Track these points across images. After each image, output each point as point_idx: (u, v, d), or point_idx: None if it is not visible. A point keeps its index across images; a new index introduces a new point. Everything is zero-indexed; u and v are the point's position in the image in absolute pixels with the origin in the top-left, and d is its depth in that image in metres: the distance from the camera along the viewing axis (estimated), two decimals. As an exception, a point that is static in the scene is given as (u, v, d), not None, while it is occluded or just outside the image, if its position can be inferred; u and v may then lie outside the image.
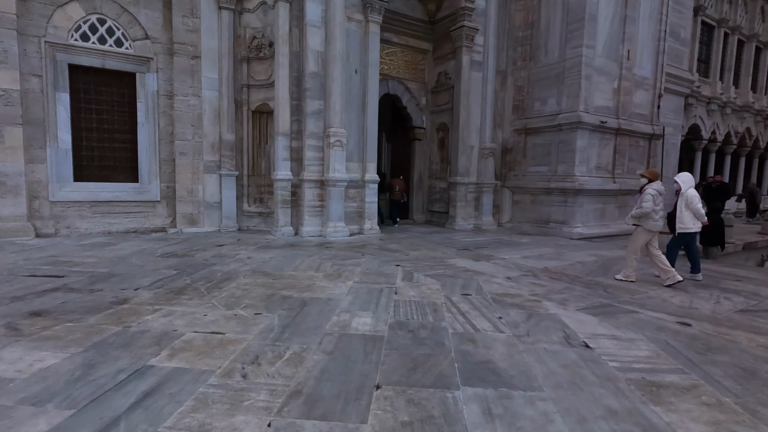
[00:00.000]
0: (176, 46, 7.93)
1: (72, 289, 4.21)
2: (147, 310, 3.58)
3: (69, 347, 2.80)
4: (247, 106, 8.66)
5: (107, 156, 7.89)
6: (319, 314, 3.61)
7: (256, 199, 9.01)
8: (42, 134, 7.17)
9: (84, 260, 5.53)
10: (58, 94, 7.26)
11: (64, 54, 7.25)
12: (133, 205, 8.01)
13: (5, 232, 6.80)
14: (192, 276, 4.82)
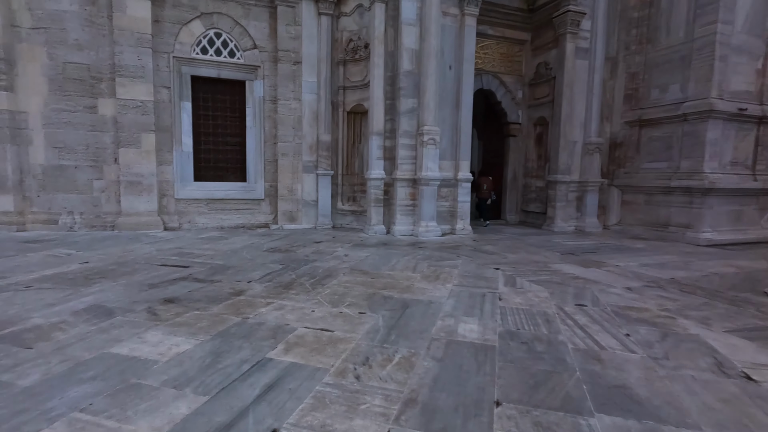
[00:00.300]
0: (280, 53, 8.43)
1: (196, 279, 4.64)
2: (261, 303, 3.79)
3: (198, 334, 3.04)
4: (342, 108, 8.93)
5: (221, 158, 8.68)
6: (422, 317, 3.51)
7: (349, 198, 9.26)
8: (169, 139, 8.10)
9: (203, 252, 6.10)
10: (182, 103, 8.14)
11: (187, 67, 8.11)
12: (241, 202, 8.71)
13: (141, 225, 7.81)
14: (296, 271, 5.05)
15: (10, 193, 7.47)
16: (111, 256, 5.74)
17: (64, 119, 7.57)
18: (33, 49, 7.41)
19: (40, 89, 7.48)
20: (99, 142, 7.74)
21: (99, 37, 7.55)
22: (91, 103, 7.64)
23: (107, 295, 3.95)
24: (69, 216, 7.72)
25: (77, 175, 7.70)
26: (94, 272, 4.81)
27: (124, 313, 3.47)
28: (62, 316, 3.37)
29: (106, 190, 7.85)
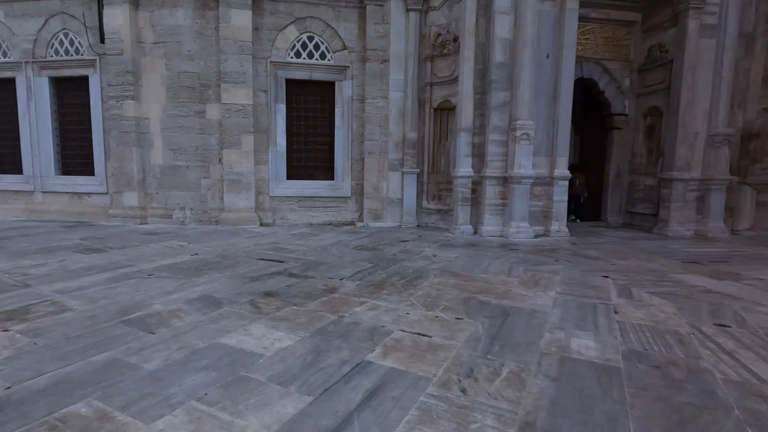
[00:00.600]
0: (368, 52, 8.49)
1: (291, 274, 4.79)
2: (354, 302, 3.76)
3: (298, 330, 3.07)
4: (429, 104, 8.75)
5: (311, 157, 9.01)
6: (526, 328, 3.21)
7: (434, 196, 9.06)
8: (266, 140, 8.59)
9: (296, 248, 6.33)
10: (278, 105, 8.58)
11: (282, 71, 8.52)
12: (329, 200, 8.95)
13: (240, 221, 8.39)
14: (386, 271, 4.98)
15: (135, 190, 8.48)
16: (216, 249, 6.19)
17: (178, 123, 8.39)
18: (154, 62, 8.32)
19: (159, 97, 8.38)
20: (206, 144, 8.46)
21: (207, 47, 8.24)
22: (200, 108, 8.37)
23: (215, 286, 4.22)
24: (181, 211, 8.55)
25: (188, 174, 8.50)
26: (203, 264, 5.20)
27: (230, 305, 3.65)
28: (178, 304, 3.65)
29: (211, 188, 8.55)
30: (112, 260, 5.33)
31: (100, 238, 6.83)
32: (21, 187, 9.31)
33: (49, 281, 4.31)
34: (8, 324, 3.15)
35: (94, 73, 8.63)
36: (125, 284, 4.25)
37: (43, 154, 9.11)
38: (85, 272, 4.70)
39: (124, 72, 8.23)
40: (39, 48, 8.81)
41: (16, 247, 6.08)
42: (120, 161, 8.46)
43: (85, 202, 9.05)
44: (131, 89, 8.24)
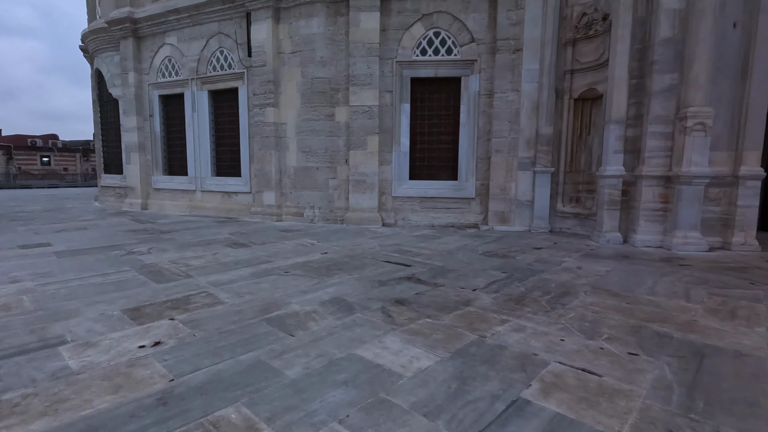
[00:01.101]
0: (499, 43, 7.88)
1: (420, 280, 4.54)
2: (494, 319, 3.34)
3: (436, 349, 2.77)
4: (568, 95, 7.77)
5: (434, 156, 8.74)
6: (737, 378, 2.42)
7: (571, 199, 8.04)
8: (389, 140, 8.57)
9: (420, 251, 6.11)
10: (402, 105, 8.49)
11: (408, 69, 8.40)
12: (451, 201, 8.58)
13: (364, 220, 8.53)
14: (524, 283, 4.43)
15: (273, 190, 9.23)
16: (343, 248, 6.30)
17: (310, 127, 8.87)
18: (291, 70, 8.92)
19: (294, 103, 8.96)
20: (334, 146, 8.79)
21: (338, 52, 8.54)
22: (329, 112, 8.72)
23: (345, 289, 4.18)
24: (311, 210, 9.04)
25: (317, 175, 8.94)
26: (332, 264, 5.28)
27: (362, 310, 3.54)
28: (313, 306, 3.66)
29: (338, 188, 8.87)
30: (254, 255, 5.75)
31: (245, 234, 7.52)
32: (186, 186, 10.89)
33: (205, 273, 4.78)
34: (174, 313, 3.47)
35: (243, 85, 9.62)
36: (266, 280, 4.48)
37: (202, 158, 10.52)
38: (233, 266, 5.12)
39: (267, 82, 8.99)
40: (201, 66, 10.17)
41: (182, 239, 7.01)
42: (261, 164, 9.29)
43: (233, 200, 10.19)
44: (272, 97, 8.98)
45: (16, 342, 2.88)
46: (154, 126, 11.26)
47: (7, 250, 6.00)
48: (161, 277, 4.58)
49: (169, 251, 5.99)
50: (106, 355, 2.68)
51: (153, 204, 11.43)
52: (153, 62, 10.97)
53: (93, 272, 4.78)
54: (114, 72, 11.91)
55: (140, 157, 11.37)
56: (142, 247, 6.30)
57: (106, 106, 12.82)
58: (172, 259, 5.46)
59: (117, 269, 4.95)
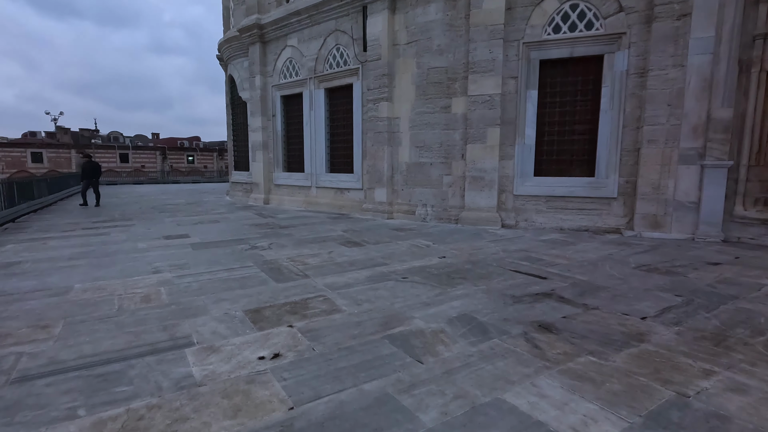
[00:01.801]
0: (657, 9, 6.45)
1: (562, 298, 3.75)
2: (690, 367, 2.45)
3: (617, 406, 2.04)
4: (758, 66, 6.04)
5: (564, 149, 7.61)
6: None
7: (757, 201, 6.28)
8: (512, 132, 7.69)
9: (554, 260, 5.21)
10: (528, 92, 7.53)
11: (537, 51, 7.41)
12: (586, 201, 7.37)
13: (480, 221, 7.80)
14: (714, 314, 3.35)
15: (384, 186, 9.00)
16: (462, 252, 5.70)
17: (424, 121, 8.41)
18: (406, 62, 8.54)
19: (408, 96, 8.58)
20: (450, 140, 8.19)
21: (456, 38, 7.90)
22: (445, 104, 8.15)
23: (473, 303, 3.60)
24: (423, 208, 8.59)
25: (431, 171, 8.45)
26: (453, 270, 4.73)
27: (500, 335, 2.92)
28: (439, 323, 3.15)
29: (452, 185, 8.27)
30: (369, 256, 5.47)
31: (357, 232, 7.37)
32: (302, 182, 11.31)
33: (321, 274, 4.60)
34: (292, 319, 3.27)
35: (357, 80, 9.56)
36: (383, 287, 4.11)
37: (318, 155, 10.78)
38: (348, 267, 4.88)
39: (381, 75, 8.76)
40: (318, 64, 10.39)
41: (299, 235, 7.11)
42: (373, 160, 9.13)
43: (345, 196, 10.25)
44: (386, 91, 8.72)
45: (150, 339, 2.90)
46: (276, 125, 11.91)
47: (155, 240, 6.66)
48: (280, 276, 4.51)
49: (288, 247, 6.04)
50: (227, 365, 2.51)
51: (273, 199, 12.14)
52: (276, 65, 11.58)
53: (221, 266, 4.94)
54: (243, 76, 12.91)
55: (264, 155, 12.15)
56: (264, 242, 6.48)
57: (237, 109, 14.02)
58: (290, 256, 5.45)
59: (241, 264, 5.05)
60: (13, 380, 2.36)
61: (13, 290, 4.04)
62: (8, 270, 4.82)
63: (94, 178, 12.49)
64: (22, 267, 4.93)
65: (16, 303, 3.67)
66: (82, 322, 3.22)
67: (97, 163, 12.89)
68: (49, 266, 4.97)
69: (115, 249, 5.96)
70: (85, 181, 12.47)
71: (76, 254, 5.62)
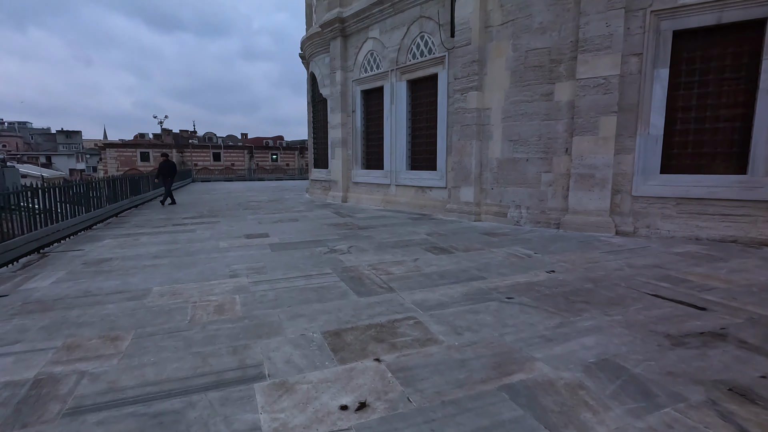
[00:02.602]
0: None
1: (744, 343, 2.70)
2: None
3: None
4: None
5: (704, 140, 6.16)
6: None
7: None
8: (632, 121, 6.40)
9: (704, 282, 4.03)
10: (656, 71, 6.20)
11: (669, 20, 6.05)
12: (734, 205, 5.88)
13: (588, 226, 6.63)
14: None
15: (472, 185, 8.14)
16: (574, 265, 4.71)
17: (520, 111, 7.40)
18: (500, 45, 7.59)
19: (501, 83, 7.62)
20: (551, 132, 7.10)
21: (562, 13, 6.78)
22: (547, 90, 7.07)
23: (613, 342, 2.71)
24: (516, 210, 7.60)
25: (527, 168, 7.42)
26: (570, 291, 3.81)
27: (672, 402, 2.04)
28: (573, 372, 2.33)
29: (553, 184, 7.17)
30: (460, 266, 4.73)
31: (443, 235, 6.64)
32: (381, 180, 10.83)
33: (408, 287, 3.96)
34: (379, 349, 2.66)
35: (443, 70, 8.80)
36: (485, 309, 3.36)
37: (398, 151, 10.22)
38: (438, 280, 4.18)
39: (470, 62, 7.91)
40: (401, 55, 9.79)
41: (380, 237, 6.57)
42: (460, 155, 8.31)
43: (426, 195, 9.56)
44: (475, 79, 7.85)
45: (217, 365, 2.47)
46: (356, 121, 11.57)
47: (236, 239, 6.54)
48: (362, 288, 3.96)
49: (368, 252, 5.51)
50: (302, 415, 1.96)
51: (351, 197, 11.84)
52: (357, 58, 11.22)
53: (298, 272, 4.53)
54: (324, 73, 12.78)
55: (342, 152, 11.89)
56: (343, 244, 6.03)
57: (317, 106, 13.99)
58: (371, 263, 4.90)
59: (319, 270, 4.60)
60: (66, 412, 2.03)
61: (96, 291, 3.96)
62: (99, 267, 4.87)
63: (170, 177, 12.42)
64: (111, 265, 4.96)
65: (95, 306, 3.53)
66: (151, 335, 2.92)
67: (173, 163, 12.86)
68: (134, 264, 4.95)
69: (197, 248, 5.89)
70: (162, 179, 12.34)
71: (162, 252, 5.62)
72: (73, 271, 4.71)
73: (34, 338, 2.91)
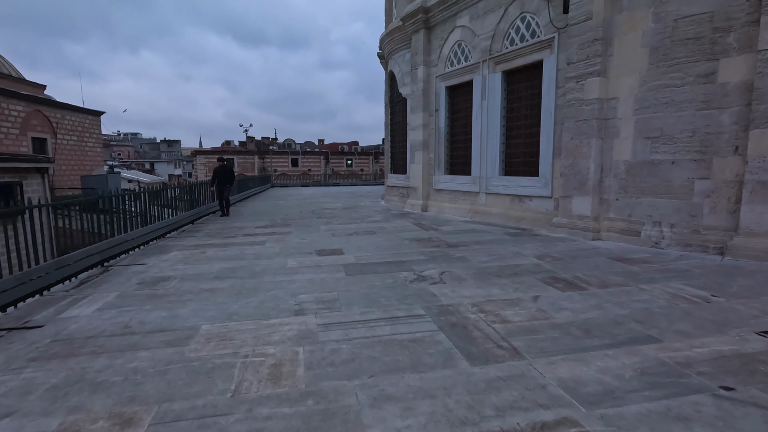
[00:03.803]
0: None
1: None
2: None
3: None
4: None
5: None
6: None
7: None
8: None
9: None
10: None
11: None
12: None
13: (773, 255, 4.74)
14: None
15: (588, 194, 6.53)
16: (796, 323, 3.06)
17: (663, 98, 5.69)
18: (633, 17, 5.95)
19: (635, 66, 5.96)
20: (711, 125, 5.31)
21: (734, -37, 5.00)
22: (706, 69, 5.30)
23: None
24: (654, 227, 5.86)
25: (672, 173, 5.67)
26: (838, 382, 2.25)
27: None
28: None
29: (712, 195, 5.35)
30: (607, 313, 3.30)
31: (559, 260, 5.18)
32: (468, 187, 9.51)
33: (542, 350, 2.66)
34: None
35: (550, 55, 7.29)
36: (697, 415, 1.98)
37: (489, 154, 8.83)
38: (584, 338, 2.82)
39: (591, 41, 6.34)
40: (495, 43, 8.43)
41: (476, 259, 5.29)
42: (572, 158, 6.74)
43: (525, 206, 8.05)
44: (597, 62, 6.26)
45: None
46: (439, 121, 10.38)
47: (307, 256, 5.68)
48: (472, 346, 2.76)
49: (467, 282, 4.28)
50: None
51: (432, 206, 10.65)
52: (442, 51, 10.05)
53: (380, 311, 3.45)
54: (404, 70, 11.78)
55: (423, 155, 10.76)
56: (432, 268, 4.86)
57: (396, 107, 13.04)
58: (475, 301, 3.67)
59: (408, 309, 3.48)
60: None
61: (138, 326, 3.21)
62: (153, 289, 4.21)
63: (228, 184, 10.75)
64: (167, 287, 4.28)
65: (127, 353, 2.74)
66: (176, 420, 1.99)
67: (230, 168, 11.13)
68: (191, 287, 4.22)
69: (263, 266, 5.09)
70: (218, 188, 10.55)
71: (224, 271, 4.89)
72: (124, 293, 4.09)
73: (31, 409, 2.12)
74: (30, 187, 10.96)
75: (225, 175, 10.71)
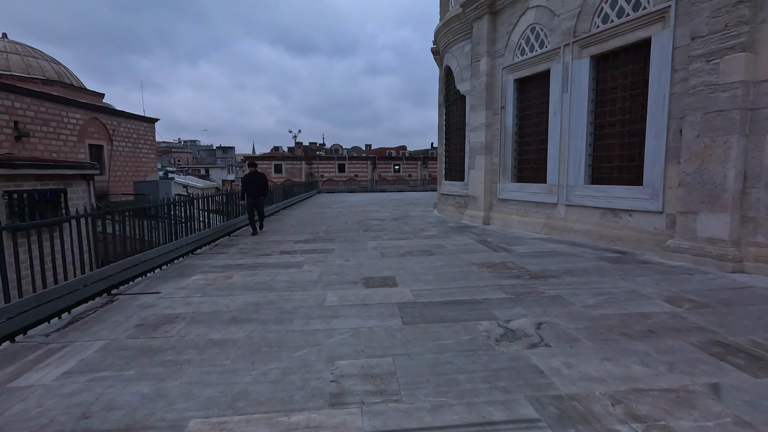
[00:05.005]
0: None
1: None
2: None
3: None
4: None
5: None
6: None
7: None
8: None
9: None
10: None
11: None
12: None
13: None
14: None
15: (725, 210, 4.87)
16: None
17: None
18: (802, -34, 4.27)
19: (804, 34, 4.27)
20: None
21: None
22: None
23: None
24: (839, 260, 4.12)
25: None
26: None
27: None
28: None
29: None
30: None
31: (705, 306, 3.63)
32: (542, 198, 7.97)
33: None
34: None
35: (662, 30, 5.68)
36: None
37: (571, 158, 7.28)
38: None
39: (731, 5, 4.72)
40: (582, 22, 6.90)
41: (580, 302, 3.85)
42: (699, 162, 5.10)
43: (621, 222, 6.43)
44: (743, 32, 4.63)
45: None
46: (505, 120, 8.94)
47: (350, 287, 4.50)
48: None
49: (582, 344, 2.89)
50: None
51: (496, 218, 9.18)
52: (510, 39, 8.62)
53: (462, 406, 2.17)
54: (463, 64, 10.43)
55: (485, 160, 9.34)
56: (522, 315, 3.51)
57: (452, 106, 11.70)
58: (611, 391, 2.29)
59: (505, 404, 2.18)
60: None
61: (98, 416, 2.15)
62: (150, 337, 3.20)
63: (262, 195, 8.86)
64: (167, 334, 3.25)
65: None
66: None
67: (263, 175, 9.05)
68: (197, 337, 3.17)
69: (295, 303, 3.98)
70: (250, 200, 8.68)
71: (246, 309, 3.82)
72: (112, 344, 3.10)
73: None
74: (75, 194, 10.78)
75: (258, 184, 8.76)
